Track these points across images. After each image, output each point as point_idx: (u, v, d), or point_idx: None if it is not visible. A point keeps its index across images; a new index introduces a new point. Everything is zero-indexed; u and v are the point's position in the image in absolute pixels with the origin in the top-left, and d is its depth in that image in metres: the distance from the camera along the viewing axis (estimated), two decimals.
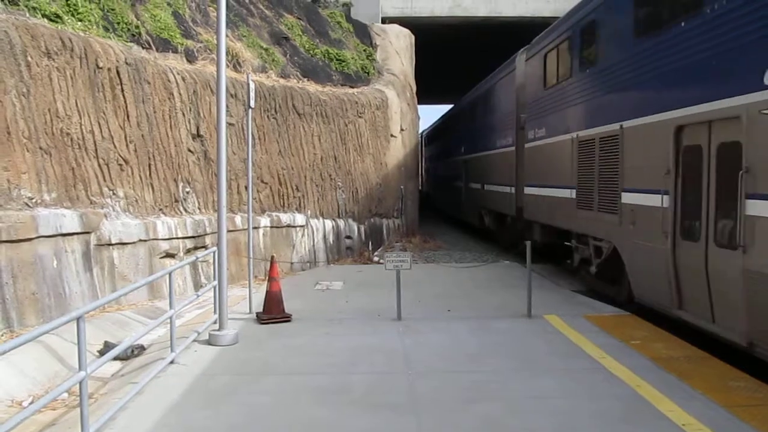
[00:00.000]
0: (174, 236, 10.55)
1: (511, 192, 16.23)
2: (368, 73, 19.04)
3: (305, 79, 15.95)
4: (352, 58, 18.65)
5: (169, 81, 10.92)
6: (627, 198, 8.95)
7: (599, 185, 10.01)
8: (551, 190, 12.51)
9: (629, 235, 8.88)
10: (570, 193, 11.34)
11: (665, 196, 7.76)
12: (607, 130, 9.69)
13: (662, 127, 7.86)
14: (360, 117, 16.86)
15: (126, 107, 9.93)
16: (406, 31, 21.63)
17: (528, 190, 14.27)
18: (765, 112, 5.89)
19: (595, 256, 10.59)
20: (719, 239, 6.77)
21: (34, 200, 8.13)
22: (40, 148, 8.38)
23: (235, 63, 13.74)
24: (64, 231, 8.42)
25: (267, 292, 8.86)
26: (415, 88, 21.75)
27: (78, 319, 4.53)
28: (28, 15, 9.06)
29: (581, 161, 10.84)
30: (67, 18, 9.88)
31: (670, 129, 7.66)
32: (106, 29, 10.71)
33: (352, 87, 17.58)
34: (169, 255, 10.47)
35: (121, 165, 9.77)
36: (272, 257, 9.33)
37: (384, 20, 22.37)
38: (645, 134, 8.39)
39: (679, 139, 7.56)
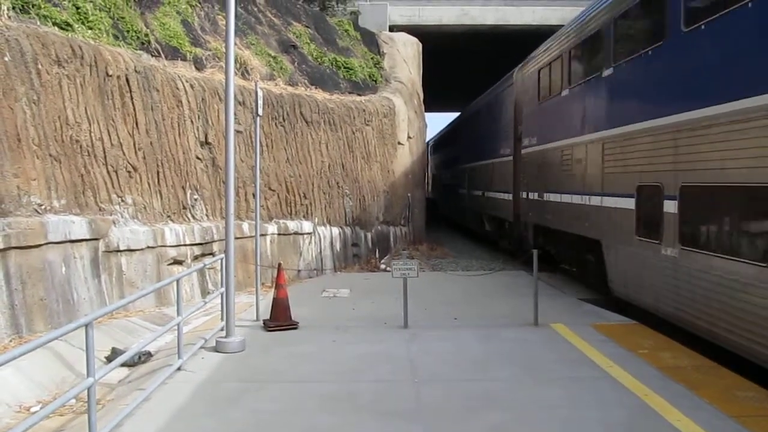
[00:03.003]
0: (182, 243, 10.59)
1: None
2: (376, 81, 19.09)
3: (313, 87, 16.01)
4: (360, 66, 18.71)
5: (177, 89, 11.00)
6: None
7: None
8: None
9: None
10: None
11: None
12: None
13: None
14: (367, 125, 16.90)
15: (135, 115, 10.00)
16: (414, 39, 21.66)
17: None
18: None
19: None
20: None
21: (43, 207, 8.19)
22: (50, 155, 8.45)
23: (244, 71, 13.82)
24: (73, 237, 8.47)
25: (274, 299, 8.87)
26: (422, 96, 21.78)
27: (87, 325, 4.55)
28: (39, 23, 9.16)
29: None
30: (77, 26, 9.98)
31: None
32: (116, 37, 10.81)
33: (359, 95, 17.63)
34: (177, 262, 10.51)
35: (129, 172, 9.83)
36: (279, 264, 9.34)
37: (392, 28, 22.42)
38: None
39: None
